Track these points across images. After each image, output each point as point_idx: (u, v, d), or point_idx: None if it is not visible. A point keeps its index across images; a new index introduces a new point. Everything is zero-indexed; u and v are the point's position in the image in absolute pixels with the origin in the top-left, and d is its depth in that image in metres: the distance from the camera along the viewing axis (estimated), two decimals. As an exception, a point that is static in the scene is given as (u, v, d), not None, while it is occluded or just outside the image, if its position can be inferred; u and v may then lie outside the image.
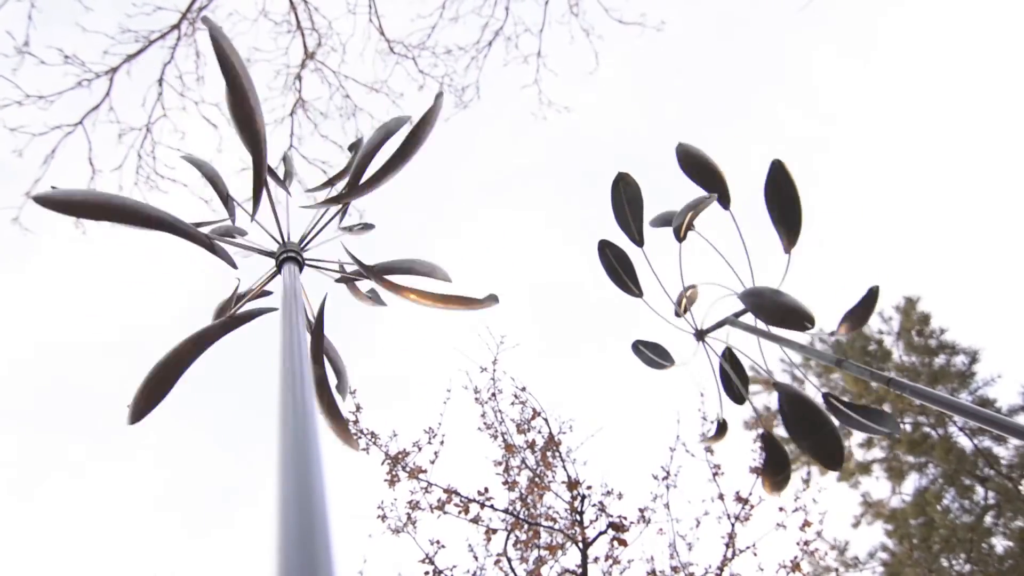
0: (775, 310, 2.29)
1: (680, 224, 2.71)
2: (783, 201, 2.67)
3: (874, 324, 9.98)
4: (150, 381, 1.80)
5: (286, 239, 1.97)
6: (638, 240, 3.02)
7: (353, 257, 2.07)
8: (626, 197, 2.99)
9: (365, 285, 2.24)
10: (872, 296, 2.62)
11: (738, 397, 2.85)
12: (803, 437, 2.35)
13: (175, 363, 1.82)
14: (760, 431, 2.93)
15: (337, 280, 2.18)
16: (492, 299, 2.09)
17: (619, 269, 3.02)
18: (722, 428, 3.00)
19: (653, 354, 3.14)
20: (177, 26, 6.65)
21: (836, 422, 2.42)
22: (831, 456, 2.33)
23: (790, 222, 2.68)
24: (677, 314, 2.99)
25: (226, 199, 1.98)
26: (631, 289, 3.08)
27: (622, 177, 3.03)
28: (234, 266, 1.90)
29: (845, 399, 2.53)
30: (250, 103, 1.71)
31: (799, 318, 2.23)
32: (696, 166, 2.87)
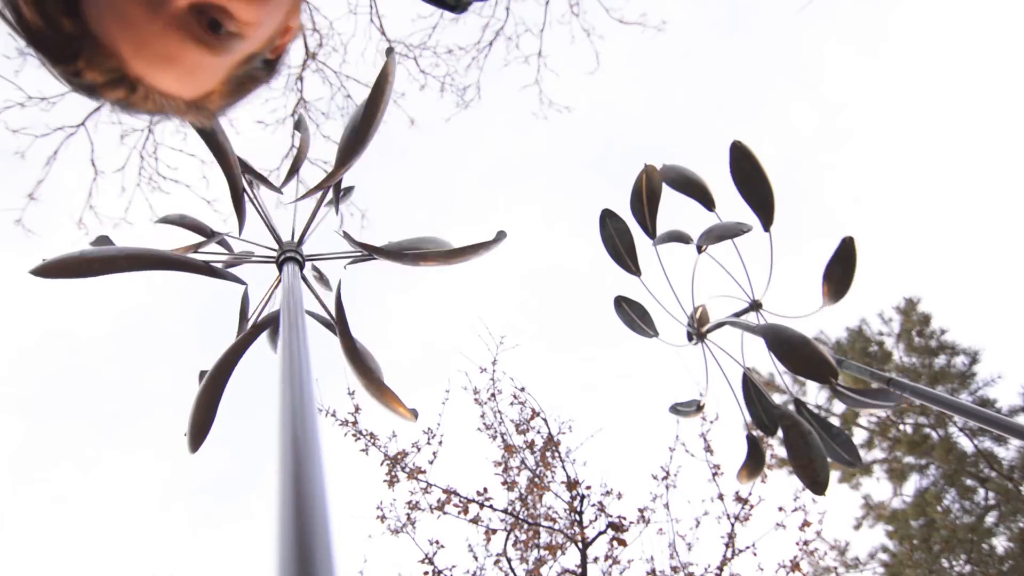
0: (798, 359, 2.29)
1: (701, 246, 2.76)
2: (750, 181, 2.69)
3: (875, 325, 9.97)
4: (198, 409, 1.84)
5: (283, 240, 1.97)
6: (651, 232, 3.02)
7: (356, 242, 2.07)
8: (616, 235, 3.00)
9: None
10: (847, 248, 2.61)
11: (766, 427, 2.82)
12: (796, 460, 2.41)
13: (214, 385, 1.85)
14: (747, 433, 2.94)
15: (348, 264, 2.18)
16: (501, 236, 2.08)
17: (619, 244, 3.01)
18: (698, 407, 3.04)
19: (634, 314, 3.13)
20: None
21: (836, 423, 2.45)
22: (816, 483, 2.40)
23: (762, 200, 2.71)
24: (690, 336, 3.01)
25: (211, 235, 1.99)
26: (629, 266, 3.07)
27: (608, 214, 3.04)
28: (241, 283, 1.92)
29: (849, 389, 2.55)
30: (218, 139, 1.72)
31: (824, 371, 2.24)
32: (683, 183, 2.91)
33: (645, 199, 2.88)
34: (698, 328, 2.99)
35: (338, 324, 1.97)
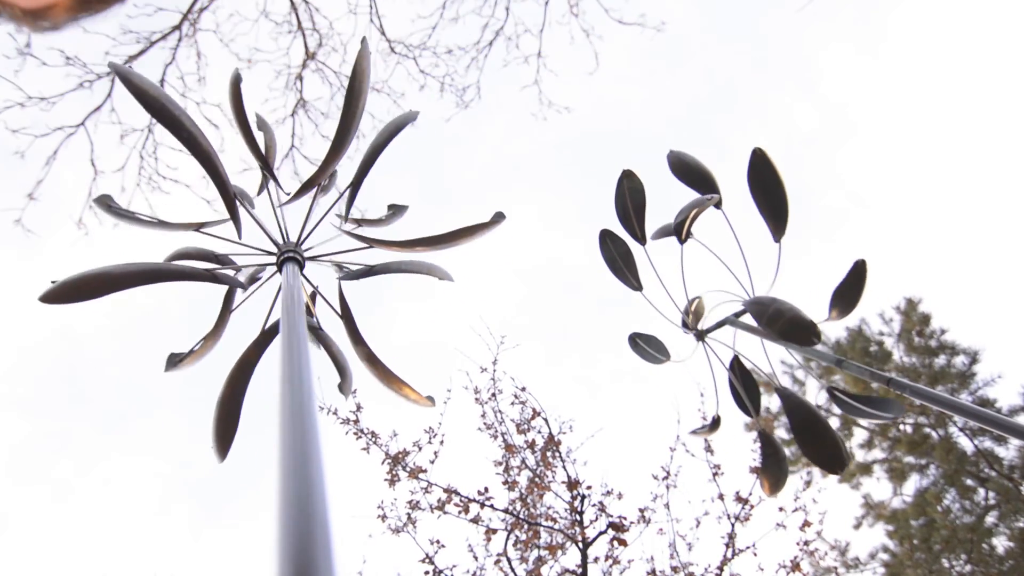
0: (782, 323, 2.27)
1: (681, 223, 2.71)
2: (767, 190, 2.67)
3: (875, 325, 9.97)
4: (220, 421, 1.85)
5: (284, 240, 1.97)
6: (640, 238, 3.02)
7: (357, 236, 2.07)
8: (630, 195, 2.99)
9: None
10: (859, 271, 2.61)
11: (749, 410, 2.84)
12: (806, 442, 2.38)
13: (232, 395, 1.85)
14: (758, 431, 2.93)
15: (340, 278, 2.18)
16: (499, 217, 2.06)
17: (619, 261, 3.02)
18: (715, 422, 3.01)
19: (649, 347, 3.14)
20: (178, 27, 6.65)
21: (836, 424, 2.45)
22: (833, 459, 2.35)
23: (776, 210, 2.68)
24: (684, 325, 3.00)
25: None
26: (631, 281, 3.08)
27: (627, 175, 3.03)
28: (244, 287, 1.92)
29: (848, 392, 2.55)
30: (203, 147, 1.72)
31: (806, 332, 2.22)
32: (688, 172, 2.88)
33: (630, 205, 2.88)
34: (694, 321, 2.99)
35: (343, 317, 1.98)
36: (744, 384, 2.83)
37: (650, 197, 3.00)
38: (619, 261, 3.01)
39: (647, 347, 3.15)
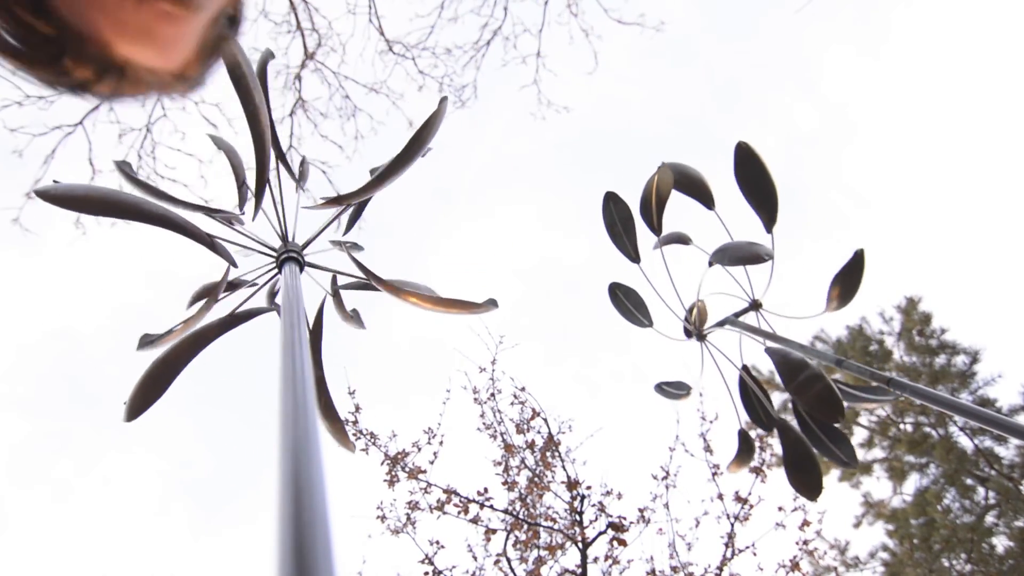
0: (811, 395, 2.29)
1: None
2: (754, 182, 2.69)
3: (875, 324, 9.97)
4: (147, 379, 1.80)
5: (289, 239, 1.97)
6: (634, 257, 3.03)
7: (360, 264, 2.07)
8: (617, 216, 3.00)
9: (350, 303, 2.25)
10: (858, 259, 2.63)
11: (764, 423, 2.84)
12: (795, 473, 2.45)
13: (172, 361, 1.82)
14: (739, 429, 2.95)
15: (333, 291, 2.18)
16: (491, 304, 2.10)
17: (620, 226, 3.01)
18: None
19: (629, 301, 3.14)
20: (177, 26, 6.63)
21: (820, 456, 2.49)
22: (815, 489, 2.47)
23: (765, 201, 2.70)
24: (687, 331, 3.01)
25: (242, 185, 1.98)
26: (630, 252, 3.06)
27: (611, 197, 3.03)
28: (234, 264, 1.90)
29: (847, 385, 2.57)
30: (255, 101, 1.71)
31: (834, 411, 2.25)
32: (682, 180, 2.91)
33: (654, 201, 2.88)
34: (696, 326, 2.99)
35: (312, 338, 1.97)
36: (755, 399, 2.85)
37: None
38: (619, 227, 3.00)
39: (626, 301, 3.15)
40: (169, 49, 0.67)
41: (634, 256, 3.02)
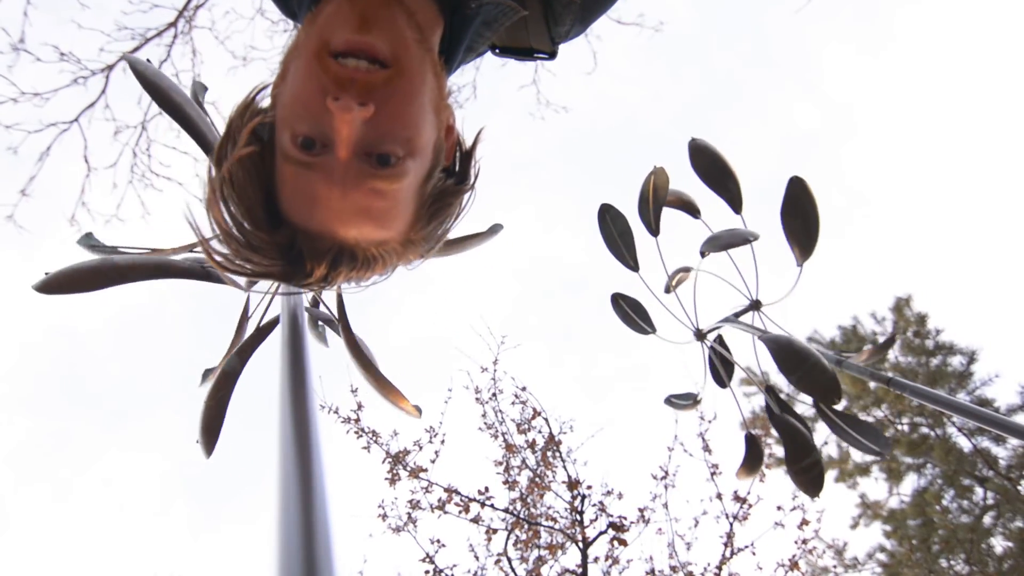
0: (804, 375, 2.29)
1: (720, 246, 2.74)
2: (802, 218, 2.61)
3: (870, 325, 9.97)
4: (208, 411, 1.81)
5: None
6: (633, 266, 3.02)
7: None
8: (615, 227, 2.99)
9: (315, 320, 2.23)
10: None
11: (722, 381, 2.89)
12: (795, 469, 2.45)
13: (222, 387, 1.83)
14: (746, 432, 2.96)
15: (307, 309, 2.16)
16: (496, 228, 2.03)
17: (618, 240, 2.99)
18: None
19: (632, 312, 3.12)
20: (174, 24, 6.64)
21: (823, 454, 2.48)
22: (816, 486, 2.45)
23: (806, 238, 2.64)
24: (667, 290, 2.98)
25: None
26: (628, 262, 3.05)
27: (606, 209, 3.01)
28: (243, 289, 1.91)
29: (841, 406, 2.55)
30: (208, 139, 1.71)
31: (831, 392, 2.24)
32: (708, 164, 2.80)
33: (651, 201, 2.87)
34: (673, 288, 3.00)
35: (340, 319, 1.97)
36: (723, 362, 2.87)
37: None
38: (617, 240, 2.98)
39: (629, 310, 3.14)
40: (387, 219, 0.70)
41: (633, 265, 3.01)
